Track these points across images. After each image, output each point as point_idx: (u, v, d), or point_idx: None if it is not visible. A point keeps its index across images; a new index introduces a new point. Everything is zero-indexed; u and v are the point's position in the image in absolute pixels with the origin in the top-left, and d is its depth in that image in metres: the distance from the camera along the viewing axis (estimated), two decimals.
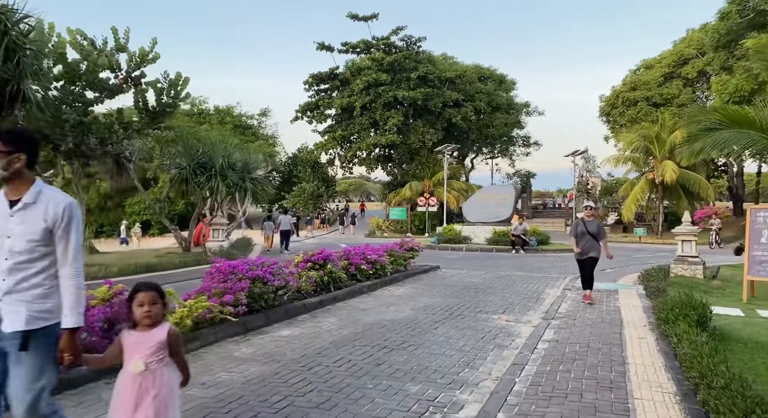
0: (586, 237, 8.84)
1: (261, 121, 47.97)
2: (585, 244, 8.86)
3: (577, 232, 9.01)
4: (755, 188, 44.44)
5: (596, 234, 8.85)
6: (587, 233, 8.84)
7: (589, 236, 8.83)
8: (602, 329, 6.77)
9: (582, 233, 8.91)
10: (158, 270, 12.60)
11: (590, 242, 8.84)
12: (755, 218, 9.47)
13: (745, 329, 6.98)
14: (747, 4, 24.18)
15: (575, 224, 9.36)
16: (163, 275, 11.91)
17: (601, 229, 9.07)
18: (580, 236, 8.95)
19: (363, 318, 7.41)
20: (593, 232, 8.84)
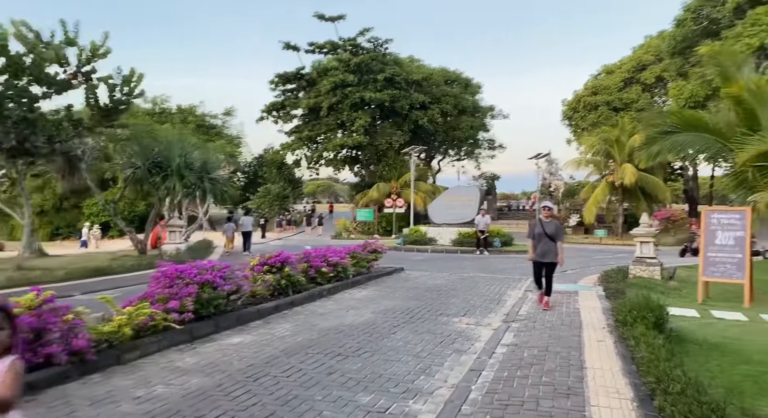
0: (544, 239, 8.28)
1: (225, 121, 46.99)
2: (543, 246, 8.31)
3: (535, 233, 8.42)
4: (709, 191, 46.03)
5: (554, 236, 8.33)
6: (545, 235, 8.28)
7: (547, 238, 8.26)
8: (561, 331, 6.70)
9: (540, 235, 8.34)
10: (109, 274, 12.02)
11: (548, 244, 8.30)
12: (710, 220, 9.64)
13: (700, 330, 7.04)
14: (701, 11, 24.98)
15: (532, 225, 8.72)
16: (113, 279, 11.37)
17: (560, 230, 8.56)
18: (537, 237, 8.37)
19: (320, 323, 7.15)
20: (551, 233, 8.31)
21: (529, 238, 8.59)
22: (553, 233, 8.33)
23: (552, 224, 8.50)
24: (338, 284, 10.16)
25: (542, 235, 8.31)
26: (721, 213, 9.56)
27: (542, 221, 8.51)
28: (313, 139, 40.86)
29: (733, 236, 9.28)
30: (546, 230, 8.32)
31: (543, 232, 8.32)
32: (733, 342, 6.34)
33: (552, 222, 8.57)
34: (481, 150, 53.18)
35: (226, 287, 6.53)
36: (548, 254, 8.29)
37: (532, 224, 8.67)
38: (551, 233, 8.30)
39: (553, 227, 8.43)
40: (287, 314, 7.71)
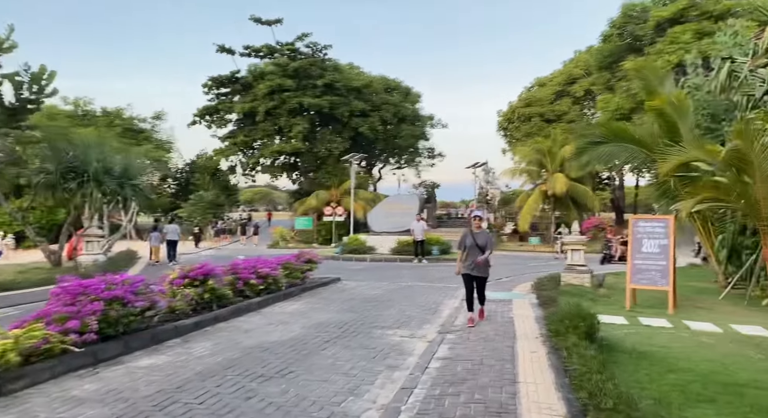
0: (475, 251, 7.67)
1: (155, 125, 44.85)
2: (474, 259, 7.68)
3: (466, 244, 7.81)
4: (634, 200, 48.61)
5: (485, 247, 7.75)
6: (476, 246, 7.68)
7: (478, 250, 7.66)
8: (496, 342, 6.57)
9: (471, 247, 7.74)
10: (11, 289, 10.90)
11: (477, 253, 7.70)
12: (636, 228, 9.92)
13: (628, 338, 7.11)
14: (625, 28, 26.34)
15: (462, 235, 7.96)
16: (14, 295, 10.30)
17: (490, 241, 7.91)
18: (468, 249, 7.77)
19: (244, 341, 6.67)
20: (482, 245, 7.73)
21: (459, 249, 7.95)
22: (484, 244, 7.76)
23: (483, 235, 7.90)
24: (269, 297, 9.66)
25: (473, 246, 7.71)
26: (647, 221, 9.87)
27: (473, 232, 7.85)
28: (248, 145, 39.76)
29: (658, 244, 9.58)
30: (477, 242, 7.74)
31: (474, 243, 7.73)
32: (660, 350, 6.42)
33: (483, 233, 7.98)
34: (422, 158, 53.77)
35: (138, 303, 5.94)
36: (479, 266, 7.73)
37: (463, 235, 7.96)
38: (482, 244, 7.75)
39: (484, 238, 7.84)
40: (209, 331, 7.16)
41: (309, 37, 39.89)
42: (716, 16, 24.38)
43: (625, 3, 27.70)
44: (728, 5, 24.92)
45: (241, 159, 41.60)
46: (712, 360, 5.97)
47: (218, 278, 8.37)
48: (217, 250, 29.81)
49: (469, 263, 7.72)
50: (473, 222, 8.06)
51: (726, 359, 6.02)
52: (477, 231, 7.90)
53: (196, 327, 7.16)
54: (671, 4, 25.45)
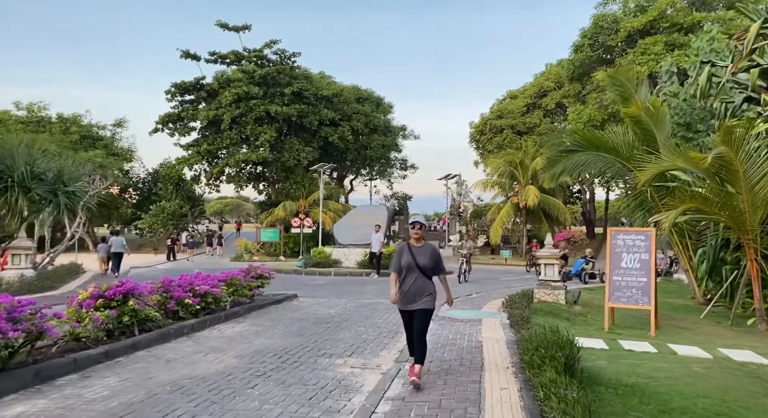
0: (415, 274, 5.43)
1: (115, 133, 42.97)
2: (412, 285, 5.40)
3: (401, 264, 5.49)
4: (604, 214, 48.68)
5: (429, 267, 5.48)
6: (416, 267, 5.42)
7: (419, 273, 5.42)
8: (460, 375, 5.58)
9: (408, 268, 5.44)
10: None
11: (420, 281, 5.43)
12: (615, 241, 9.13)
13: (611, 367, 6.23)
14: (597, 38, 26.13)
15: (398, 251, 5.70)
16: None
17: (439, 259, 5.62)
18: (405, 270, 5.47)
19: (159, 375, 5.52)
20: (425, 264, 5.44)
21: (394, 271, 5.58)
22: (428, 263, 5.46)
23: (427, 250, 5.57)
24: (207, 319, 8.49)
25: (412, 267, 5.43)
26: (627, 234, 9.09)
27: (411, 246, 5.60)
28: (213, 154, 38.29)
29: (638, 259, 8.79)
30: (417, 260, 5.44)
31: (413, 261, 5.43)
32: (648, 383, 5.53)
33: (427, 246, 5.63)
34: (394, 170, 53.02)
35: (13, 333, 4.74)
36: (419, 296, 5.39)
37: (398, 251, 5.70)
38: (425, 263, 5.44)
39: (427, 253, 5.52)
40: (121, 363, 5.98)
41: (277, 44, 38.89)
42: (686, 29, 24.37)
43: (597, 14, 27.61)
44: (698, 17, 24.97)
45: (205, 168, 40.07)
46: (709, 396, 5.09)
47: (142, 298, 7.19)
48: (175, 263, 28.21)
49: (406, 293, 5.43)
50: (411, 232, 5.61)
51: (725, 395, 5.16)
52: (417, 245, 5.59)
53: (105, 357, 5.96)
54: (642, 16, 25.36)
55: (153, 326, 7.36)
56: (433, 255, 5.54)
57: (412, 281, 5.45)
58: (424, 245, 5.62)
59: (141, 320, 7.13)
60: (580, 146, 13.05)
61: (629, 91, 13.38)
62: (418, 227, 5.58)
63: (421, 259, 5.49)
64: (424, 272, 5.47)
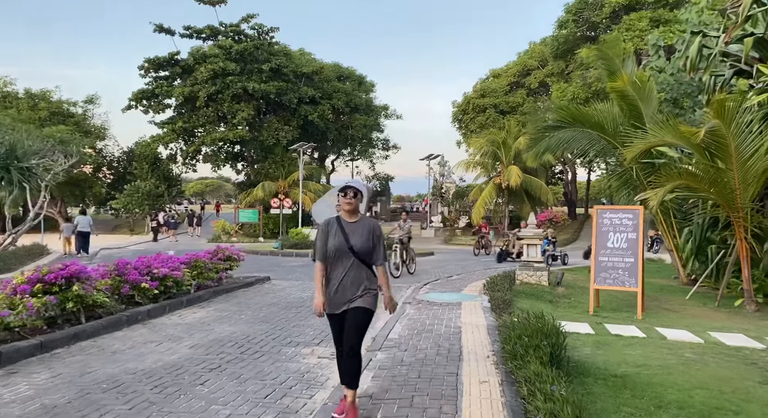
0: (348, 261, 3.79)
1: (87, 110, 41.36)
2: (345, 276, 3.78)
3: (328, 248, 3.82)
4: (585, 194, 48.76)
5: (367, 251, 3.82)
6: (350, 252, 3.78)
7: (354, 259, 3.79)
8: (436, 366, 5.08)
9: (339, 252, 3.79)
10: None
11: (356, 271, 3.80)
12: (602, 220, 8.68)
13: (599, 355, 5.79)
14: (581, 14, 25.55)
15: (322, 229, 3.93)
16: None
17: (380, 240, 3.91)
18: (334, 257, 3.81)
19: (99, 369, 4.92)
20: (362, 247, 3.80)
21: (319, 259, 3.87)
22: (366, 245, 3.81)
23: (364, 227, 3.88)
24: (167, 304, 7.88)
25: (344, 251, 3.78)
26: (614, 212, 8.65)
27: (342, 223, 3.87)
28: (189, 132, 37.14)
29: (625, 238, 8.37)
30: (351, 241, 3.79)
31: (345, 243, 3.78)
32: (639, 372, 5.10)
33: (364, 222, 3.92)
34: (376, 150, 52.23)
35: None
36: (354, 291, 3.77)
37: (323, 227, 3.93)
38: (362, 246, 3.79)
39: (365, 232, 3.85)
40: (58, 356, 5.36)
41: (255, 18, 37.56)
42: (672, 4, 23.89)
43: None
44: None
45: (181, 147, 38.92)
46: (706, 387, 4.68)
47: (90, 282, 6.54)
48: (147, 245, 27.35)
49: (336, 289, 3.77)
50: (343, 200, 3.89)
51: (723, 385, 4.74)
52: (351, 220, 3.88)
53: (39, 350, 5.34)
54: None
55: (104, 313, 6.75)
56: (372, 234, 3.81)
57: (343, 271, 3.74)
58: (360, 221, 3.85)
59: (89, 306, 6.51)
60: (565, 123, 12.55)
61: (616, 64, 12.89)
62: (352, 193, 3.79)
63: (356, 239, 3.76)
64: (361, 257, 3.77)
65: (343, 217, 3.90)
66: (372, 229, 3.87)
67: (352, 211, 3.88)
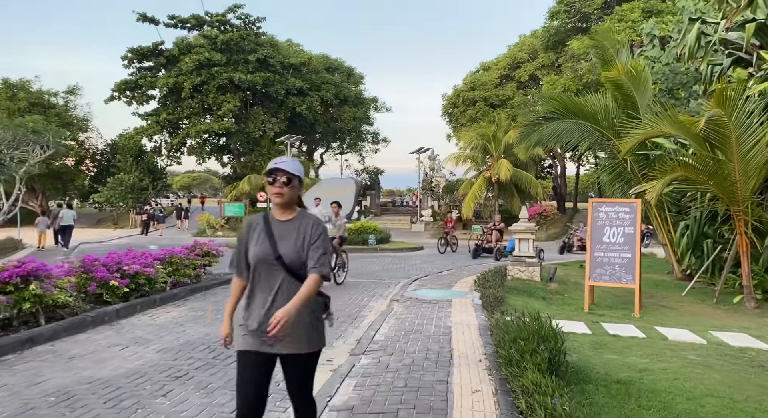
0: (277, 276, 2.56)
1: (69, 101, 40.31)
2: (274, 298, 2.55)
3: (248, 258, 2.64)
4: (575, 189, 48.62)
5: (305, 263, 2.56)
6: (278, 263, 2.55)
7: (286, 273, 2.56)
8: (424, 373, 4.66)
9: (262, 263, 2.58)
10: None
11: (288, 292, 2.52)
12: (597, 214, 8.31)
13: (597, 356, 5.42)
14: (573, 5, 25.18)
15: (244, 231, 2.69)
16: None
17: (323, 244, 2.59)
18: (255, 270, 2.61)
19: (52, 378, 4.45)
20: (297, 257, 2.56)
21: (236, 275, 2.70)
22: (300, 254, 2.56)
23: (301, 227, 2.62)
24: (139, 302, 7.39)
25: (269, 261, 2.57)
26: (611, 205, 8.28)
27: (271, 222, 2.65)
28: (174, 124, 36.36)
29: (622, 232, 8.00)
30: (280, 248, 2.57)
31: (271, 250, 2.57)
32: (643, 377, 4.73)
33: (302, 219, 2.65)
34: (365, 143, 51.67)
35: None
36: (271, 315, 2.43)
37: (244, 229, 2.70)
38: (294, 254, 2.56)
39: (302, 234, 2.60)
40: (8, 362, 4.86)
41: (241, 8, 36.79)
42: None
43: None
44: None
45: (166, 139, 38.12)
46: (716, 394, 4.31)
47: (50, 281, 6.04)
48: (131, 239, 26.68)
49: (260, 316, 2.54)
50: (270, 191, 2.60)
51: (733, 392, 4.38)
52: (283, 218, 2.65)
53: None
54: None
55: (67, 314, 6.25)
56: (312, 237, 2.57)
57: (271, 292, 2.54)
58: (296, 219, 2.63)
59: (49, 307, 6.01)
60: (557, 114, 12.16)
61: (610, 54, 12.52)
62: (283, 179, 2.53)
63: (287, 246, 2.55)
64: (295, 272, 2.54)
65: (273, 214, 2.64)
66: (312, 228, 2.58)
67: (284, 205, 2.59)
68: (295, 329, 2.46)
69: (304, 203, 2.75)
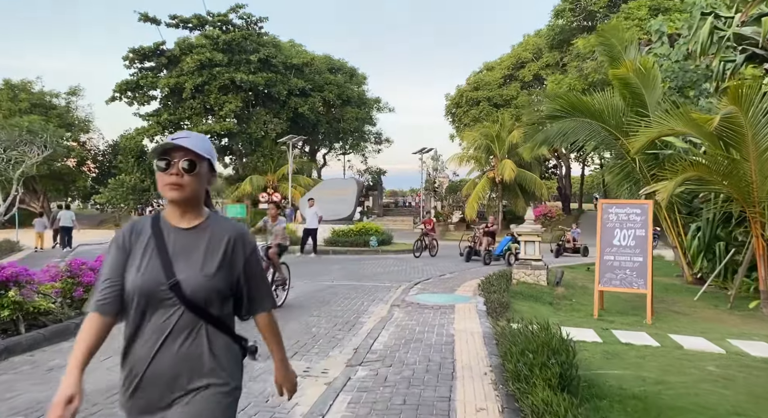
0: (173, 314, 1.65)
1: (70, 102, 40.17)
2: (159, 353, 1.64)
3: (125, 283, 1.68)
4: (579, 189, 48.23)
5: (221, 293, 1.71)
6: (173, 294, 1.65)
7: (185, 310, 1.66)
8: (425, 388, 4.34)
9: (146, 295, 1.65)
10: None
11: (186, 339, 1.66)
12: (607, 215, 7.96)
13: (610, 368, 5.08)
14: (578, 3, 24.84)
15: (117, 240, 1.74)
16: None
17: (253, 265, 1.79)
18: (136, 304, 1.66)
19: (25, 392, 4.15)
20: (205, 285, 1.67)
21: (93, 310, 1.70)
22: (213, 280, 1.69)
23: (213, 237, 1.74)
24: None
25: (157, 292, 1.65)
26: (620, 207, 7.93)
27: (164, 227, 1.74)
28: (175, 124, 36.15)
29: (633, 235, 7.66)
30: (178, 270, 1.67)
31: (162, 274, 1.66)
32: (660, 392, 4.39)
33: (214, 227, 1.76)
34: (368, 144, 51.35)
35: None
36: (171, 384, 1.65)
37: (120, 241, 1.74)
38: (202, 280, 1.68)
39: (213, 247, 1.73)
40: None
41: (243, 8, 36.56)
42: None
43: None
44: None
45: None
46: (743, 413, 3.97)
47: (31, 286, 5.75)
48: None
49: (143, 377, 1.66)
50: (162, 181, 1.69)
51: (762, 411, 4.03)
52: (184, 226, 1.75)
53: None
54: None
55: (50, 321, 5.95)
56: (236, 254, 1.77)
57: (159, 338, 1.66)
58: (206, 226, 1.77)
59: (30, 314, 5.71)
60: (563, 112, 11.83)
61: (618, 51, 12.18)
62: (183, 163, 1.67)
63: (190, 267, 1.70)
64: (202, 307, 1.69)
65: (168, 217, 1.75)
66: (234, 241, 1.75)
67: (184, 203, 1.72)
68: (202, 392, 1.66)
69: (212, 203, 1.88)
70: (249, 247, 1.81)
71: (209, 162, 1.76)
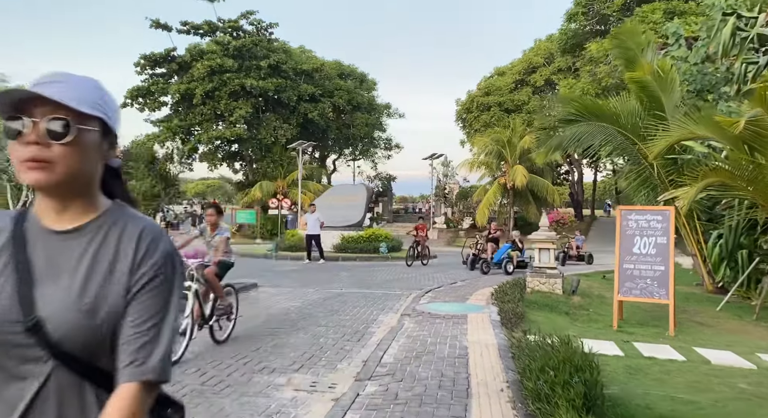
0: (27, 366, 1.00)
1: None
2: None
3: None
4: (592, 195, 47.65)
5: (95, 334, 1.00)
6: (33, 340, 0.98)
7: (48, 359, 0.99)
8: (438, 406, 4.08)
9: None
10: None
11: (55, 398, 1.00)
12: (626, 222, 7.65)
13: (635, 386, 4.78)
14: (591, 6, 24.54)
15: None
16: None
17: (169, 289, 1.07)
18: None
19: None
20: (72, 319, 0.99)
21: None
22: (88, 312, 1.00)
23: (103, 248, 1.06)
24: None
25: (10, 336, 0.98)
26: (640, 213, 7.62)
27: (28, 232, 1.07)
28: (185, 130, 36.27)
29: (654, 243, 7.34)
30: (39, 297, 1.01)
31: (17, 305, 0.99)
32: (690, 412, 4.10)
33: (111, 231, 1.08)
34: (378, 150, 51.19)
35: None
36: None
37: None
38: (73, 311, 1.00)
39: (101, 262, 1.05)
40: None
41: (254, 14, 36.66)
42: None
43: None
44: None
45: (178, 145, 38.06)
46: None
47: None
48: None
49: None
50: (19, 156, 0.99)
51: None
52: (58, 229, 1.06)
53: None
54: None
55: None
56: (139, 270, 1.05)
57: (10, 414, 0.99)
58: (97, 224, 1.08)
59: None
60: (577, 116, 11.56)
61: (634, 54, 11.88)
62: (51, 126, 0.98)
63: (58, 294, 1.02)
64: (75, 357, 1.01)
65: (39, 213, 1.09)
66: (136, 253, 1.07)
67: (56, 189, 1.03)
68: None
69: (129, 191, 1.26)
70: (158, 248, 1.08)
71: (102, 122, 1.06)
